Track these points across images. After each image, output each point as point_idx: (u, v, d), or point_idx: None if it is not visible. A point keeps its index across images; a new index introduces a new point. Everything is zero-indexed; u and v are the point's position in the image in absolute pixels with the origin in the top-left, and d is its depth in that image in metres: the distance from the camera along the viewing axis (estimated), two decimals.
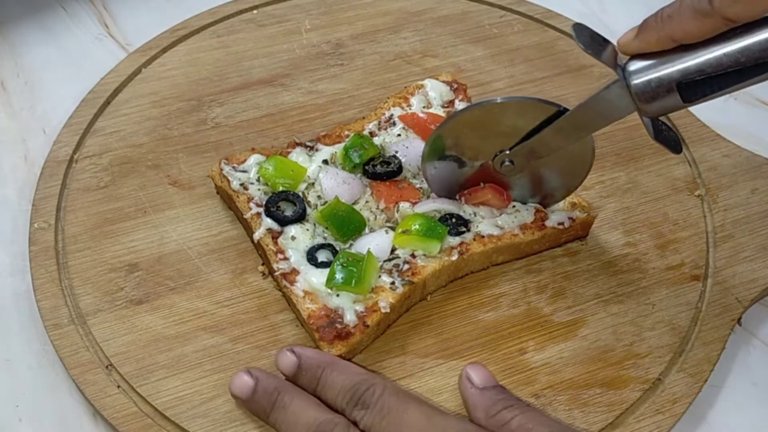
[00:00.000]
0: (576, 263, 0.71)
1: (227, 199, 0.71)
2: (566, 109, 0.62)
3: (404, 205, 0.68)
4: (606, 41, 0.59)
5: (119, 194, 0.74)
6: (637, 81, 0.56)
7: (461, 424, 0.55)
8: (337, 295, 0.63)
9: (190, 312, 0.66)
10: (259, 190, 0.69)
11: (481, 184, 0.70)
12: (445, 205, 0.69)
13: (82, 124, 0.79)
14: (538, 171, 0.68)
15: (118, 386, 0.62)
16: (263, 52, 0.87)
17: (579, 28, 0.59)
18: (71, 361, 0.63)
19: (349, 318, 0.62)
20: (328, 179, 0.69)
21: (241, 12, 0.90)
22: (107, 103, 0.81)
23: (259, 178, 0.70)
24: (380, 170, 0.71)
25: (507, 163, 0.67)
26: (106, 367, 0.63)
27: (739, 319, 0.69)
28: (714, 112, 0.83)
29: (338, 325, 0.61)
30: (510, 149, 0.66)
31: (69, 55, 0.89)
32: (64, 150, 0.76)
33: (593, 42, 0.58)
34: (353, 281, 0.62)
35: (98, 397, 0.61)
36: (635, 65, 0.56)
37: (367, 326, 0.62)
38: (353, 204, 0.69)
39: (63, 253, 0.69)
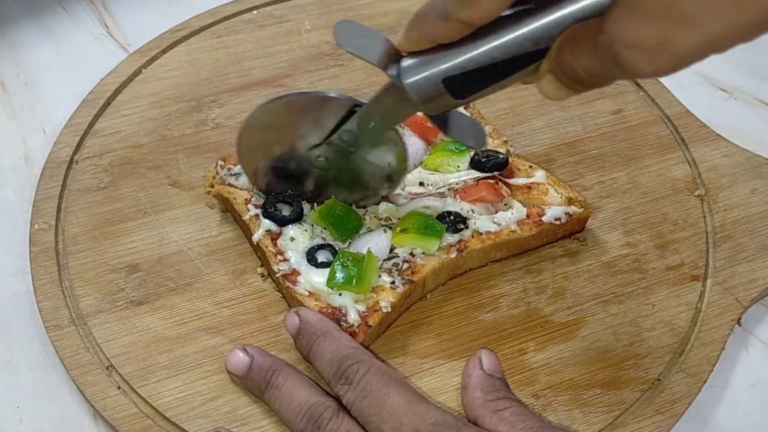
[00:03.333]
0: (576, 263, 0.72)
1: (224, 201, 0.71)
2: (361, 104, 0.62)
3: (388, 205, 0.69)
4: (379, 37, 0.57)
5: (119, 195, 0.74)
6: (408, 80, 0.55)
7: (441, 415, 0.55)
8: (339, 295, 0.63)
9: (190, 313, 0.66)
10: (252, 191, 0.70)
11: (475, 182, 0.70)
12: (431, 201, 0.69)
13: (82, 124, 0.79)
14: (356, 168, 0.67)
15: (119, 387, 0.62)
16: (263, 52, 0.87)
17: (343, 26, 0.58)
18: (72, 362, 0.63)
19: (353, 317, 0.62)
20: None
21: (241, 12, 0.90)
22: (107, 103, 0.81)
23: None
24: None
25: (321, 158, 0.66)
26: (107, 368, 0.63)
27: (739, 319, 0.70)
28: (714, 112, 0.83)
29: (343, 324, 0.62)
30: (320, 144, 0.65)
31: (69, 55, 0.89)
32: (65, 151, 0.76)
33: (361, 40, 0.57)
34: (354, 281, 0.62)
35: (99, 398, 0.61)
36: (407, 63, 0.55)
37: (370, 326, 0.62)
38: None
39: (63, 254, 0.69)
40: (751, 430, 0.66)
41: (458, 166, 0.72)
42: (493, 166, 0.72)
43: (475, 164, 0.72)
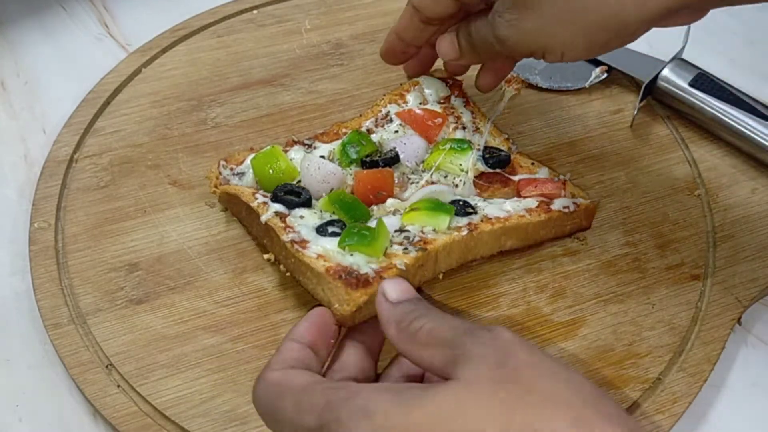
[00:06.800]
0: (576, 263, 0.71)
1: (228, 198, 0.71)
2: None
3: (394, 200, 0.68)
4: None
5: (119, 194, 0.74)
6: None
7: None
8: (351, 255, 0.61)
9: (189, 311, 0.66)
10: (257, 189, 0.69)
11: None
12: (440, 188, 0.69)
13: (82, 124, 0.79)
14: None
15: (118, 386, 0.62)
16: (263, 52, 0.87)
17: None
18: (71, 360, 0.63)
19: (366, 270, 0.59)
20: (308, 175, 0.68)
21: (241, 12, 0.90)
22: (107, 103, 0.81)
23: (257, 181, 0.69)
24: (378, 158, 0.71)
25: None
26: (106, 366, 0.63)
27: (739, 318, 0.69)
28: None
29: (358, 273, 0.59)
30: None
31: (69, 55, 0.89)
32: (64, 150, 0.76)
33: None
34: (367, 241, 0.60)
35: (98, 396, 0.61)
36: None
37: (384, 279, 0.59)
38: None
39: (63, 253, 0.69)
40: (752, 429, 0.66)
41: (460, 165, 0.71)
42: (495, 163, 0.72)
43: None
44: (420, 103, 0.77)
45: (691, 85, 0.81)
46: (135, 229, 0.71)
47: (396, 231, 0.64)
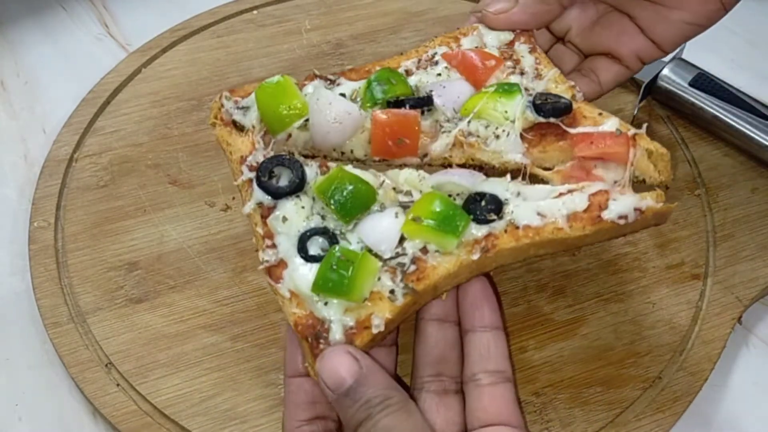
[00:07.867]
0: (576, 262, 0.71)
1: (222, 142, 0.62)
2: None
3: (410, 173, 0.57)
4: None
5: (119, 193, 0.74)
6: None
7: None
8: (325, 304, 0.52)
9: (189, 310, 0.66)
10: (259, 130, 0.59)
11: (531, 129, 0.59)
12: (464, 180, 0.56)
13: (82, 123, 0.79)
14: None
15: (118, 384, 0.62)
16: (263, 52, 0.87)
17: None
18: (71, 359, 0.63)
19: (336, 336, 0.51)
20: (318, 112, 0.58)
21: (241, 12, 0.91)
22: (107, 102, 0.81)
23: (262, 118, 0.59)
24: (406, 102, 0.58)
25: None
26: (106, 365, 0.63)
27: (740, 317, 0.69)
28: None
29: (321, 343, 0.51)
30: None
31: (69, 55, 0.89)
32: (64, 149, 0.76)
33: None
34: (343, 288, 0.51)
35: (98, 395, 0.61)
36: None
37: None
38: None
39: (62, 252, 0.69)
40: (752, 428, 0.66)
41: (506, 112, 0.58)
42: (551, 110, 0.58)
43: (535, 108, 0.58)
44: (476, 47, 0.65)
45: (691, 85, 0.81)
46: (135, 228, 0.71)
47: (389, 258, 0.53)
